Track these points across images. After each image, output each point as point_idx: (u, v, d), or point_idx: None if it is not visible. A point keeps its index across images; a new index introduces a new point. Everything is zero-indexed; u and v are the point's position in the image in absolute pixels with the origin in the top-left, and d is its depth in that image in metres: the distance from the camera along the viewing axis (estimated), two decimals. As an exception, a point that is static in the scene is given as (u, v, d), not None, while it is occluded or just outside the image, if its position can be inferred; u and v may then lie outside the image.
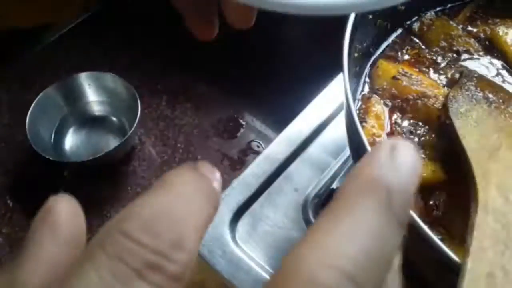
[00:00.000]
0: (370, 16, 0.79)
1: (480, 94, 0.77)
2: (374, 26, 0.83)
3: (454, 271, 0.50)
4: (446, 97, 0.77)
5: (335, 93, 1.04)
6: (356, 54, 0.79)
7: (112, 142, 1.41)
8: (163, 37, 1.62)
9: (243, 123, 1.54)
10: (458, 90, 0.76)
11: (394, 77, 0.82)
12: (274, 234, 0.85)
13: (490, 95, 0.77)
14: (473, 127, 0.70)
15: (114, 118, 1.50)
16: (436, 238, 0.52)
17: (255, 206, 0.88)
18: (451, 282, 0.50)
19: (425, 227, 0.53)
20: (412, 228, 0.55)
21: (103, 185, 1.43)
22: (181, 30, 0.67)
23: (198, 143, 1.48)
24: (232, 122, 1.52)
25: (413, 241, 0.62)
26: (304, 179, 0.89)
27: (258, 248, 0.84)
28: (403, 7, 0.88)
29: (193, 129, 1.52)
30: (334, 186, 0.89)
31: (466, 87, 0.78)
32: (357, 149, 0.65)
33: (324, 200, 0.85)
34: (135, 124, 1.33)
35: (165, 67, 1.60)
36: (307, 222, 0.86)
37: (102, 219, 1.35)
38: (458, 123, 0.69)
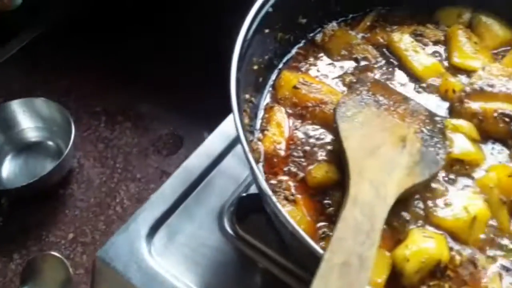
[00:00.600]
0: (267, 30, 0.84)
1: (371, 98, 0.82)
2: (274, 39, 0.89)
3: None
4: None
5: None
6: (255, 67, 0.84)
7: (49, 167, 1.42)
8: (101, 60, 1.65)
9: (183, 139, 1.58)
10: (349, 95, 0.82)
11: (294, 87, 0.87)
12: (190, 245, 0.88)
13: (381, 98, 0.83)
14: (357, 129, 0.75)
15: (50, 143, 1.52)
16: (303, 234, 0.56)
17: (172, 218, 0.91)
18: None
19: (295, 224, 0.57)
20: (285, 227, 0.59)
21: (41, 210, 1.44)
22: (119, 52, 0.71)
23: (137, 161, 1.51)
24: (171, 139, 1.56)
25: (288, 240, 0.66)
26: (220, 189, 0.93)
27: (175, 260, 0.87)
28: (304, 20, 0.95)
29: (132, 148, 1.55)
30: (243, 193, 0.93)
31: (358, 92, 0.83)
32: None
33: (236, 207, 0.89)
34: (68, 148, 1.35)
35: (103, 88, 1.64)
36: (223, 231, 0.89)
37: (41, 243, 1.36)
38: (342, 126, 0.74)
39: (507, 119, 0.80)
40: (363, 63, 0.92)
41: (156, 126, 1.54)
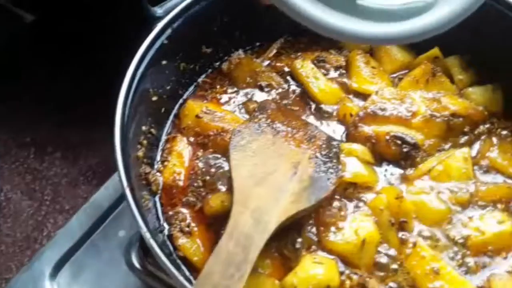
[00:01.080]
0: (164, 62, 0.85)
1: (269, 125, 0.84)
2: (176, 70, 0.90)
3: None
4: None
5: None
6: (154, 98, 0.85)
7: (-26, 201, 1.37)
8: (30, 92, 1.62)
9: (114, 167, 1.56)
10: (247, 123, 0.84)
11: (197, 115, 0.88)
12: (96, 282, 0.87)
13: (279, 125, 0.85)
14: (249, 157, 0.77)
15: (-25, 176, 1.47)
16: (173, 270, 0.57)
17: (78, 255, 0.89)
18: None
19: (167, 262, 0.58)
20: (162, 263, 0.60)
21: (-35, 248, 1.38)
22: (47, 82, 0.69)
23: (66, 192, 1.48)
24: (102, 168, 1.54)
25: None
26: (128, 223, 0.92)
27: (80, 297, 0.86)
28: (209, 50, 0.96)
29: (62, 179, 1.51)
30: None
31: (256, 120, 0.85)
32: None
33: (143, 241, 0.88)
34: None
35: (33, 119, 1.60)
36: (130, 265, 0.88)
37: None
38: (234, 155, 0.76)
39: (398, 142, 0.83)
40: (267, 90, 0.95)
41: (86, 155, 1.51)
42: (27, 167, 1.51)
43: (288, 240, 0.74)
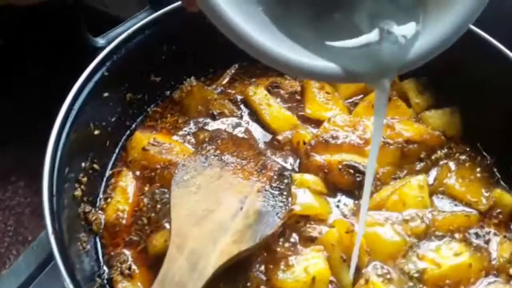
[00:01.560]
0: (106, 94, 0.81)
1: (217, 157, 0.81)
2: (122, 101, 0.86)
3: None
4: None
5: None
6: (97, 132, 0.81)
7: None
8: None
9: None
10: (193, 156, 0.80)
11: (143, 148, 0.84)
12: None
13: (228, 157, 0.81)
14: (192, 194, 0.73)
15: None
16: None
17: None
18: None
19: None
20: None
21: None
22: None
23: (30, 222, 1.43)
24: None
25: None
26: None
27: None
28: (158, 78, 0.93)
29: (25, 209, 1.47)
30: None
31: (204, 151, 0.81)
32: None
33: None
34: None
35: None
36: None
37: None
38: (175, 193, 0.72)
39: (351, 171, 0.79)
40: (219, 118, 0.91)
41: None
42: (-10, 198, 1.46)
43: (235, 280, 0.70)
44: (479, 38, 0.83)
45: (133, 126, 0.90)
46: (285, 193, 0.78)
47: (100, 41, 0.83)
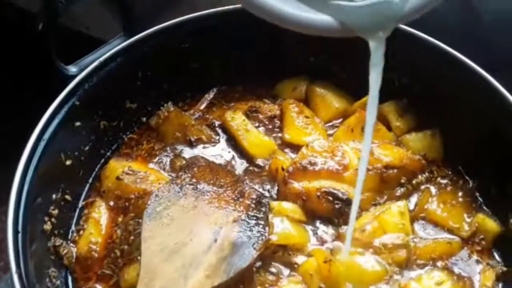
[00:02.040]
0: (78, 123, 0.79)
1: (192, 185, 0.79)
2: (95, 129, 0.84)
3: None
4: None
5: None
6: (68, 162, 0.78)
7: None
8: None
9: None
10: (166, 186, 0.78)
11: (117, 177, 0.82)
12: None
13: (204, 185, 0.79)
14: (165, 226, 0.71)
15: None
16: None
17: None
18: None
19: None
20: None
21: None
22: None
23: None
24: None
25: None
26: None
27: None
28: (134, 105, 0.91)
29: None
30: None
31: (179, 180, 0.79)
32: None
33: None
34: None
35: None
36: None
37: None
38: (146, 225, 0.69)
39: (330, 198, 0.77)
40: (196, 144, 0.89)
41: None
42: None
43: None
44: (457, 60, 0.82)
45: (108, 154, 0.87)
46: (262, 222, 0.75)
47: (72, 69, 0.82)
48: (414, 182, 0.81)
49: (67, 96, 0.76)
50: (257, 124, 0.91)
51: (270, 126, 0.91)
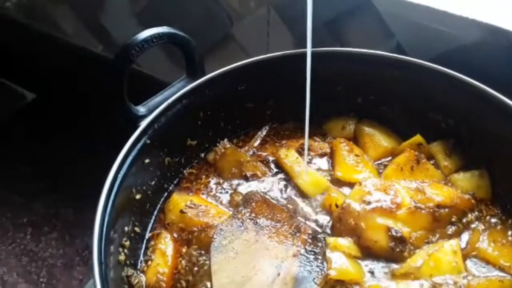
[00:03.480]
0: (147, 160, 0.84)
1: (252, 221, 0.82)
2: (160, 165, 0.89)
3: None
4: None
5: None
6: (138, 196, 0.83)
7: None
8: (26, 170, 1.63)
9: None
10: (229, 220, 0.82)
11: (181, 211, 0.86)
12: None
13: (263, 220, 0.82)
14: (231, 259, 0.74)
15: (-29, 261, 1.46)
16: None
17: None
18: None
19: None
20: None
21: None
22: (44, 161, 0.68)
23: (62, 274, 1.45)
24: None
25: None
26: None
27: None
28: (194, 142, 0.96)
29: (57, 260, 1.49)
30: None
31: (239, 215, 0.83)
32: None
33: None
34: (-15, 267, 1.30)
35: (29, 199, 1.60)
36: None
37: None
38: (215, 259, 0.73)
39: (384, 235, 0.80)
40: (252, 179, 0.93)
41: (83, 234, 1.50)
42: (23, 248, 1.49)
43: None
44: (503, 103, 0.84)
45: (170, 188, 0.92)
46: (320, 257, 0.78)
47: (141, 109, 0.87)
48: (464, 221, 0.83)
49: (140, 135, 0.81)
50: (308, 161, 0.95)
51: (321, 164, 0.95)
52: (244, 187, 0.92)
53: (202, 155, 0.97)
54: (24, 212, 1.54)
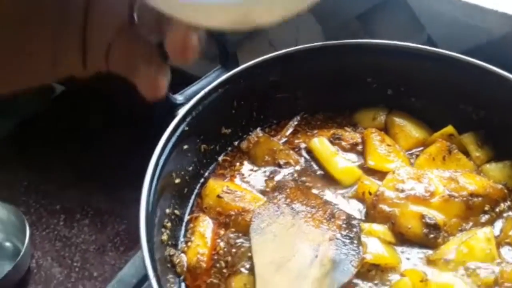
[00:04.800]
0: (186, 146, 0.85)
1: (288, 206, 0.82)
2: (197, 152, 0.89)
3: None
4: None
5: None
6: (177, 180, 0.83)
7: (7, 268, 1.37)
8: (60, 158, 1.65)
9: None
10: (266, 205, 0.82)
11: (218, 195, 0.86)
12: None
13: (298, 205, 0.82)
14: (270, 241, 0.74)
15: (8, 244, 1.47)
16: None
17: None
18: None
19: None
20: None
21: (-2, 313, 1.36)
22: (77, 149, 0.69)
23: (95, 259, 1.46)
24: (129, 234, 1.52)
25: None
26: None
27: None
28: (228, 130, 0.96)
29: (89, 246, 1.50)
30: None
31: (275, 201, 0.83)
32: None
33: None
34: (23, 249, 1.31)
35: (62, 187, 1.62)
36: None
37: None
38: (255, 239, 0.73)
39: (419, 222, 0.79)
40: (285, 168, 0.93)
41: (114, 222, 1.51)
42: (57, 234, 1.51)
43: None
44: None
45: (206, 174, 0.92)
46: (355, 241, 0.77)
47: (179, 98, 0.88)
48: (497, 210, 0.82)
49: (179, 122, 0.81)
50: (340, 151, 0.94)
51: (353, 153, 0.95)
52: (278, 174, 0.92)
53: (236, 143, 0.97)
54: (57, 200, 1.56)
